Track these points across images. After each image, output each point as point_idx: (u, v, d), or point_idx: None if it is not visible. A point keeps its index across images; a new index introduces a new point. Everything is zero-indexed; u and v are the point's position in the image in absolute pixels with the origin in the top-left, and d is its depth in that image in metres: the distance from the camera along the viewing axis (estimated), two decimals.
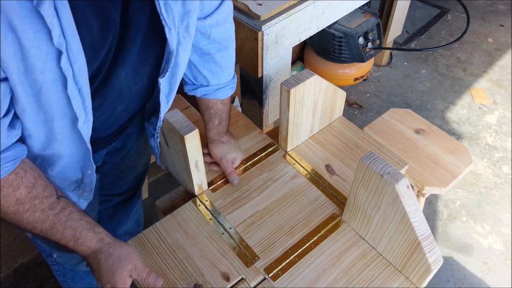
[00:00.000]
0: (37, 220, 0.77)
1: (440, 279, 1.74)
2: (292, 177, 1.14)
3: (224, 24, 0.96)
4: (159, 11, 0.75)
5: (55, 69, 0.67)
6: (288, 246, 0.99)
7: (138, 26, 0.77)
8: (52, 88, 0.69)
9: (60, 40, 0.63)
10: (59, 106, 0.73)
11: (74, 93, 0.71)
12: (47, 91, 0.69)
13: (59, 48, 0.64)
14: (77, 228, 0.80)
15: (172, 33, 0.80)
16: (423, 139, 1.54)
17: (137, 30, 0.77)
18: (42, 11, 0.59)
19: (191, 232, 1.02)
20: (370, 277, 0.95)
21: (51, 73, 0.67)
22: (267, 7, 1.42)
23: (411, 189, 0.84)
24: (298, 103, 1.08)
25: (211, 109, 1.09)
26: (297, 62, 2.50)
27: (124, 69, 0.81)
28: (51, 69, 0.67)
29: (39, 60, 0.64)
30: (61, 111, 0.74)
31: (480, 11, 3.11)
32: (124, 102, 0.89)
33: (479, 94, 2.51)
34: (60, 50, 0.65)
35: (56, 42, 0.63)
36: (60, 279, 1.33)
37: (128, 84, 0.85)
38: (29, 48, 0.62)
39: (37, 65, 0.64)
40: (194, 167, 1.01)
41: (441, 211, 1.96)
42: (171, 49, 0.83)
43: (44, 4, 0.59)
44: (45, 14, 0.59)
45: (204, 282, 0.93)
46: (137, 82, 0.87)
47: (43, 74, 0.66)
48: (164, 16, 0.76)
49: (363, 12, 2.17)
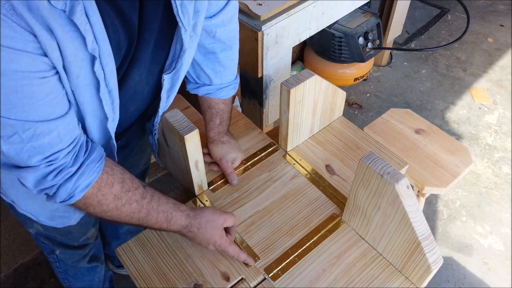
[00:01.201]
0: (134, 211, 0.81)
1: (440, 279, 1.74)
2: (292, 177, 1.14)
3: (229, 24, 0.97)
4: (176, 12, 0.76)
5: (89, 73, 0.68)
6: (288, 246, 0.99)
7: (153, 28, 0.78)
8: (86, 92, 0.71)
9: (93, 46, 0.64)
10: (91, 108, 0.75)
11: (105, 95, 0.73)
12: (81, 94, 0.71)
13: (93, 54, 0.65)
14: (167, 211, 0.86)
15: (187, 33, 0.81)
16: (423, 139, 1.54)
17: (151, 31, 0.78)
18: (75, 20, 0.60)
19: None
20: (370, 277, 0.95)
21: (85, 78, 0.69)
22: (267, 7, 1.42)
23: (411, 189, 0.84)
24: (298, 103, 1.08)
25: (212, 109, 1.09)
26: (297, 62, 2.50)
27: (139, 70, 0.82)
28: (86, 74, 0.68)
29: (75, 66, 0.65)
30: (92, 112, 0.76)
31: (480, 11, 3.11)
32: (137, 102, 0.91)
33: (479, 94, 2.51)
34: (94, 55, 0.66)
35: (90, 48, 0.64)
36: (61, 276, 1.34)
37: (141, 85, 0.87)
38: (67, 55, 0.63)
39: (72, 70, 0.65)
40: (194, 167, 1.01)
41: (441, 211, 1.97)
42: (185, 48, 0.84)
43: (76, 12, 0.59)
44: (78, 22, 0.60)
45: (204, 282, 0.93)
46: (149, 82, 0.89)
47: (78, 79, 0.67)
48: (180, 17, 0.77)
49: (363, 12, 2.17)
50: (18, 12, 0.54)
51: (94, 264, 1.34)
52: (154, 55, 0.83)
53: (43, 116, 0.65)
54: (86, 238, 1.20)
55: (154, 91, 0.93)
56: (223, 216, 0.93)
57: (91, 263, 1.32)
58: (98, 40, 0.65)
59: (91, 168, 0.74)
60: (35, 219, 1.01)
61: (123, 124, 0.96)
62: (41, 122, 0.65)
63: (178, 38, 0.83)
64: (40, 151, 0.67)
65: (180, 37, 0.82)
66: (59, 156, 0.69)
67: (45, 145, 0.67)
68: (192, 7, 0.79)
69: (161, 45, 0.84)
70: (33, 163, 0.67)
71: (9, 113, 0.61)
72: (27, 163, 0.68)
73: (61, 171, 0.71)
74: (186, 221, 0.89)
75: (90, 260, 1.31)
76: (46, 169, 0.69)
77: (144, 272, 0.96)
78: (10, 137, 0.63)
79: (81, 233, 1.17)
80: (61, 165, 0.70)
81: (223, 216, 0.93)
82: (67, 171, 0.71)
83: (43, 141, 0.66)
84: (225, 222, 0.93)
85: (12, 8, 0.54)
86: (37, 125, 0.64)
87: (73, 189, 0.72)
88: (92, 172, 0.74)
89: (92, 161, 0.74)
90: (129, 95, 0.85)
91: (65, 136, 0.69)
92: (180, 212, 0.88)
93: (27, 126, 0.63)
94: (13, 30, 0.55)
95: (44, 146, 0.67)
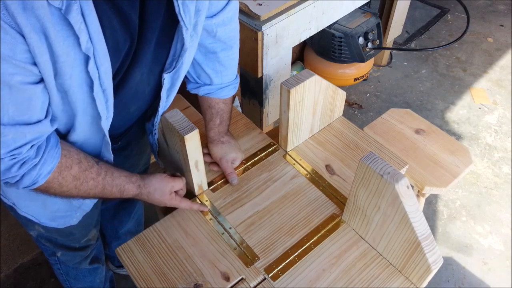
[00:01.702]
0: (91, 188, 0.85)
1: (440, 279, 1.74)
2: (292, 177, 1.14)
3: (230, 23, 0.97)
4: (178, 12, 0.77)
5: (82, 73, 0.68)
6: (288, 246, 0.99)
7: (154, 27, 0.78)
8: (78, 91, 0.71)
9: (88, 46, 0.64)
10: (83, 106, 0.75)
11: (99, 94, 0.73)
12: (74, 94, 0.71)
13: (87, 54, 0.65)
14: (120, 184, 0.90)
15: (188, 33, 0.82)
16: (423, 139, 1.54)
17: (153, 30, 0.78)
18: (70, 19, 0.60)
19: (191, 232, 1.02)
20: (370, 277, 0.95)
21: (78, 77, 0.69)
22: (267, 7, 1.42)
23: (411, 189, 0.84)
24: (298, 103, 1.08)
25: (212, 109, 1.09)
26: (297, 62, 2.50)
27: (140, 70, 0.82)
28: (79, 74, 0.68)
29: (68, 66, 0.65)
30: (84, 110, 0.77)
31: (480, 11, 3.11)
32: (138, 102, 0.91)
33: (479, 94, 2.51)
34: (88, 55, 0.66)
35: (84, 48, 0.64)
36: (62, 278, 1.34)
37: (143, 84, 0.87)
38: (59, 55, 0.63)
39: (65, 71, 0.66)
40: (194, 167, 1.01)
41: (441, 211, 1.97)
42: (186, 47, 0.84)
43: (72, 11, 0.59)
44: (73, 21, 0.60)
45: (204, 282, 0.93)
46: (150, 81, 0.89)
47: (71, 79, 0.68)
48: (182, 16, 0.78)
49: (363, 12, 2.17)
50: (10, 12, 0.54)
51: (95, 265, 1.34)
52: (155, 54, 0.83)
53: (12, 119, 0.66)
54: (87, 239, 1.20)
55: (155, 90, 0.93)
56: (170, 183, 0.98)
57: (93, 264, 1.32)
58: (94, 40, 0.65)
59: (51, 154, 0.75)
60: (36, 221, 1.01)
61: (124, 124, 0.96)
62: (9, 126, 0.66)
63: (179, 37, 0.83)
64: (4, 145, 0.68)
65: (181, 36, 0.82)
66: (22, 151, 0.70)
67: (9, 140, 0.68)
68: (193, 6, 0.79)
69: (162, 44, 0.84)
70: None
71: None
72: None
73: (25, 162, 0.72)
74: (137, 190, 0.94)
75: (92, 262, 1.31)
76: (9, 162, 0.70)
77: (144, 272, 0.96)
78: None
79: (82, 234, 1.17)
80: (24, 157, 0.72)
81: (170, 184, 0.98)
82: (30, 162, 0.73)
83: (7, 137, 0.67)
84: (173, 188, 0.99)
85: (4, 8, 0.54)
86: (5, 127, 0.66)
87: (37, 177, 0.75)
88: (52, 158, 0.76)
89: (51, 147, 0.76)
90: (130, 95, 0.85)
91: (31, 136, 0.71)
92: (131, 184, 0.92)
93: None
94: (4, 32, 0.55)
95: (8, 141, 0.68)
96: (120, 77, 0.79)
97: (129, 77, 0.81)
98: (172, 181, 0.99)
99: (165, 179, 0.98)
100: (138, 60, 0.80)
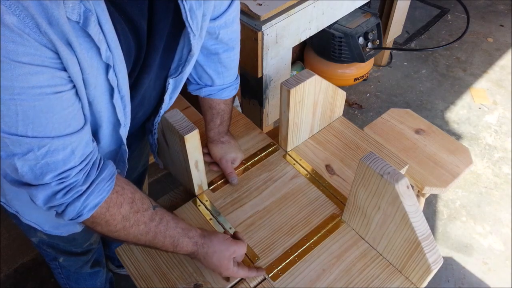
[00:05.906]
0: (141, 233, 0.79)
1: (440, 279, 1.74)
2: (292, 177, 1.14)
3: (232, 25, 0.97)
4: (185, 18, 0.77)
5: (104, 82, 0.68)
6: (288, 246, 0.99)
7: (162, 34, 0.78)
8: (102, 100, 0.71)
9: (107, 54, 0.64)
10: (107, 115, 0.74)
11: (118, 101, 0.73)
12: (98, 103, 0.71)
13: (107, 62, 0.65)
14: (175, 236, 0.84)
15: (195, 38, 0.82)
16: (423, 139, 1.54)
17: (161, 37, 0.78)
18: (89, 30, 0.60)
19: None
20: (370, 277, 0.95)
21: (101, 86, 0.69)
22: (267, 7, 1.42)
23: (411, 189, 0.84)
24: (298, 103, 1.08)
25: (213, 109, 1.09)
26: (297, 62, 2.50)
27: (149, 76, 0.82)
28: (101, 83, 0.68)
29: (93, 76, 0.65)
30: (107, 119, 0.76)
31: (480, 11, 3.11)
32: (145, 107, 0.91)
33: (479, 94, 2.51)
34: (108, 64, 0.66)
35: (104, 57, 0.64)
36: (63, 281, 1.33)
37: (150, 90, 0.87)
38: (85, 67, 0.63)
39: (91, 81, 0.66)
40: (194, 167, 1.01)
41: (441, 211, 1.97)
42: (193, 52, 0.84)
43: (90, 23, 0.59)
44: (92, 33, 0.60)
45: (204, 282, 0.93)
46: (156, 87, 0.89)
47: (95, 88, 0.68)
48: (189, 23, 0.78)
49: (363, 12, 2.17)
50: (42, 30, 0.54)
51: (96, 269, 1.33)
52: (162, 60, 0.83)
53: (59, 131, 0.64)
54: (89, 243, 1.19)
55: (159, 95, 0.93)
56: (232, 247, 0.89)
57: (94, 268, 1.32)
58: (111, 48, 0.65)
59: (100, 187, 0.72)
60: (39, 229, 1.00)
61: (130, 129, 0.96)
62: (57, 138, 0.64)
63: (186, 42, 0.83)
64: (53, 168, 0.66)
65: (188, 41, 0.82)
66: (70, 174, 0.68)
67: (59, 161, 0.66)
68: (201, 12, 0.79)
69: (169, 50, 0.84)
70: (45, 180, 0.66)
71: (26, 129, 0.60)
72: (39, 181, 0.66)
73: (71, 189, 0.69)
74: (192, 248, 0.87)
75: (93, 266, 1.31)
76: (56, 187, 0.68)
77: (144, 272, 0.96)
78: (25, 155, 0.63)
79: (85, 239, 1.16)
80: (72, 183, 0.69)
81: (232, 248, 0.89)
82: (76, 189, 0.70)
83: (57, 158, 0.65)
84: (234, 253, 0.89)
85: (36, 26, 0.53)
86: (53, 141, 0.64)
87: (82, 208, 0.71)
88: (101, 191, 0.72)
89: (102, 179, 0.72)
90: (138, 101, 0.85)
91: (79, 153, 0.68)
92: (187, 239, 0.86)
93: (43, 142, 0.63)
94: (33, 48, 0.55)
95: (58, 163, 0.66)
96: (130, 83, 0.79)
97: (139, 83, 0.81)
98: (235, 245, 0.90)
99: (227, 242, 0.89)
100: (147, 66, 0.80)
